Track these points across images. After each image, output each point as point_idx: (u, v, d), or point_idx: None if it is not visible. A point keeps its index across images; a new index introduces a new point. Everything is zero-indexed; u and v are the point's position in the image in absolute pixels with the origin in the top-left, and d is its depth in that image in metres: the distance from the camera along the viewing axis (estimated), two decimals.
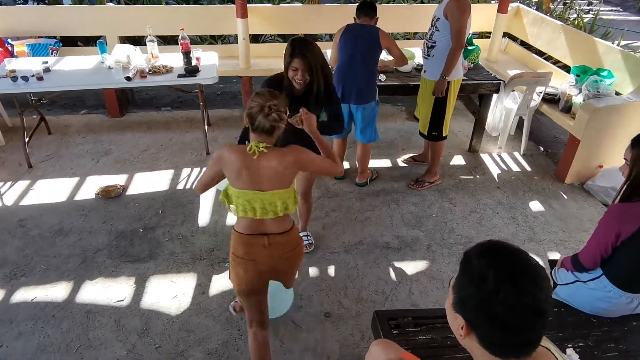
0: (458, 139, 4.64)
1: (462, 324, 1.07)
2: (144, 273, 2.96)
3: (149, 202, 3.60)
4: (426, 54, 3.42)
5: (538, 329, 1.03)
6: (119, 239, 3.23)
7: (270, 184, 1.92)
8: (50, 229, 3.29)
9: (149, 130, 4.64)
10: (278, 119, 1.85)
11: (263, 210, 1.95)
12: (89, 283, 2.87)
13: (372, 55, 3.28)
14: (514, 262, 1.03)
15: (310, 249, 3.15)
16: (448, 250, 3.21)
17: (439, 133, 3.65)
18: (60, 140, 4.41)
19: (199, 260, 3.07)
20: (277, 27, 5.15)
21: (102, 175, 3.90)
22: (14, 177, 3.84)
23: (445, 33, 3.22)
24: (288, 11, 5.08)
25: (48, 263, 3.01)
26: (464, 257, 1.09)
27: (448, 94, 3.43)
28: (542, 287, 1.01)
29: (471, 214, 3.59)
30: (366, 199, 3.71)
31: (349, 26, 3.30)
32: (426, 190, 3.83)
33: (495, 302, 1.00)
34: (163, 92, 5.47)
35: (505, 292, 0.99)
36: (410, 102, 5.20)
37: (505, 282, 1.00)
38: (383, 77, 3.93)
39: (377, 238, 3.30)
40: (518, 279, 1.00)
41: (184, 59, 3.99)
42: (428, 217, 3.53)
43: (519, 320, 1.00)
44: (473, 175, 4.08)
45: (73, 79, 3.80)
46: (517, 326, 1.00)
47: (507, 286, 0.99)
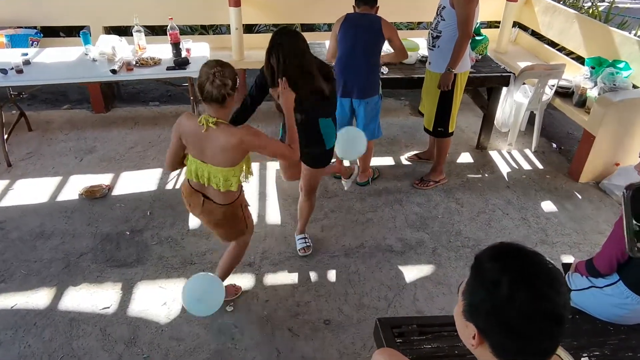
0: (465, 136, 4.65)
1: (473, 333, 1.07)
2: (131, 278, 2.96)
3: (136, 203, 3.60)
4: (431, 44, 3.42)
5: (556, 337, 1.02)
6: (105, 243, 3.22)
7: (214, 159, 2.11)
8: (31, 232, 3.28)
9: (136, 127, 4.64)
10: (222, 85, 1.98)
11: (209, 179, 2.20)
12: (73, 289, 2.87)
13: (375, 46, 3.28)
14: (529, 265, 1.03)
15: (307, 252, 3.15)
16: (455, 254, 3.22)
17: (445, 129, 3.65)
18: (42, 137, 4.40)
19: (190, 264, 3.06)
20: (272, 16, 5.15)
21: (86, 174, 3.89)
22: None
23: (451, 22, 3.22)
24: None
25: (29, 268, 3.00)
26: (475, 261, 1.09)
27: (454, 87, 3.43)
28: (560, 292, 1.01)
29: (479, 215, 3.59)
30: (368, 199, 3.71)
31: (349, 15, 3.29)
32: (431, 189, 3.83)
33: (509, 309, 0.99)
34: (151, 85, 5.46)
35: (520, 297, 0.98)
36: (415, 96, 5.20)
37: (520, 287, 0.99)
38: (385, 69, 3.93)
39: (380, 241, 3.31)
40: (534, 283, 0.99)
41: (173, 50, 3.99)
42: (433, 219, 3.53)
43: (536, 328, 0.99)
44: (481, 174, 4.08)
45: (55, 72, 3.79)
46: (534, 334, 0.99)
47: (523, 291, 0.98)
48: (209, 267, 3.03)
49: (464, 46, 3.25)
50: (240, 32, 4.68)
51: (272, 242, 3.27)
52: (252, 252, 3.16)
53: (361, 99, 3.39)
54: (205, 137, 2.06)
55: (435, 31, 3.36)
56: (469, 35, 3.23)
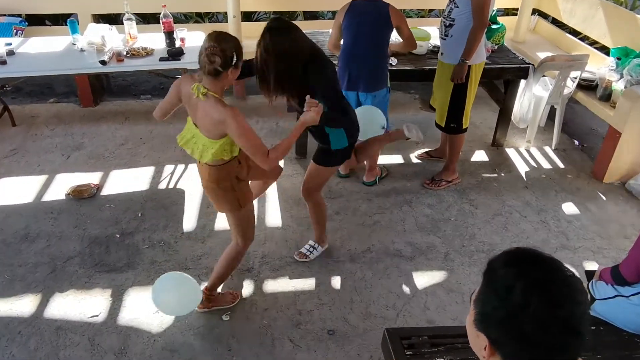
0: (480, 132, 4.64)
1: (485, 343, 1.07)
2: (121, 284, 2.96)
3: (127, 204, 3.60)
4: (444, 34, 3.42)
5: (573, 350, 1.02)
6: (93, 246, 3.23)
7: (201, 125, 2.31)
8: (15, 234, 3.29)
9: (127, 122, 4.65)
10: (208, 61, 2.16)
11: (187, 141, 2.42)
12: (59, 296, 2.88)
13: (382, 35, 3.27)
14: (546, 271, 1.03)
15: (302, 258, 3.14)
16: (469, 259, 3.21)
17: (458, 125, 3.64)
18: (26, 132, 4.42)
19: (184, 270, 3.07)
20: (272, 3, 5.15)
21: (74, 172, 3.91)
22: None
23: (465, 10, 3.22)
24: None
25: (12, 273, 3.02)
26: (488, 267, 1.09)
27: (469, 80, 3.43)
28: (579, 301, 1.01)
29: (495, 217, 3.59)
30: (375, 200, 3.71)
31: (354, 3, 3.29)
32: (443, 190, 3.83)
33: (523, 317, 0.99)
34: (143, 77, 5.47)
35: (535, 305, 0.98)
36: (426, 89, 5.19)
37: (535, 295, 0.99)
38: (394, 60, 3.92)
39: (388, 245, 3.31)
40: (550, 290, 1.00)
41: (167, 39, 3.99)
42: (446, 221, 3.53)
43: (551, 339, 0.99)
44: (497, 173, 4.08)
45: (40, 63, 3.80)
46: (549, 346, 0.99)
47: (538, 299, 0.99)
48: (204, 273, 3.04)
49: (479, 35, 3.24)
50: (238, 20, 4.69)
51: (272, 246, 3.27)
52: (251, 257, 3.16)
53: (368, 92, 3.39)
54: (195, 103, 2.27)
55: (448, 19, 3.35)
56: (485, 23, 3.22)
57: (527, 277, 1.02)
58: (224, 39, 2.20)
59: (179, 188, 3.78)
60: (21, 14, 4.86)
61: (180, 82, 2.39)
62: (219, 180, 2.44)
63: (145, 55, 3.91)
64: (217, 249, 3.20)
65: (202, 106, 2.24)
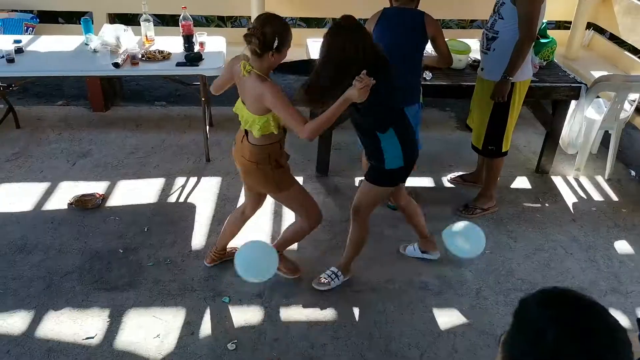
0: (522, 156, 4.60)
1: None
2: (121, 305, 3.00)
3: (133, 217, 3.67)
4: (485, 47, 3.42)
5: None
6: (94, 261, 3.29)
7: (246, 102, 2.64)
8: (11, 245, 3.38)
9: (138, 129, 4.75)
10: (245, 41, 2.49)
11: (241, 119, 2.72)
12: (54, 314, 2.93)
13: (416, 47, 3.29)
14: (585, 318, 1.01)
15: (321, 287, 3.14)
16: (504, 298, 3.17)
17: (498, 147, 3.62)
18: (30, 136, 4.55)
19: (190, 291, 3.10)
20: (300, 8, 5.23)
21: (78, 181, 4.00)
22: None
23: (511, 22, 3.22)
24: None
25: (5, 286, 3.09)
26: (520, 306, 1.08)
27: (512, 98, 3.41)
28: (620, 353, 0.99)
29: (537, 252, 3.54)
30: (400, 226, 3.69)
31: (386, 11, 3.31)
32: (478, 219, 3.79)
33: None
34: (157, 83, 5.59)
35: (568, 354, 0.96)
36: (462, 107, 5.18)
37: (569, 342, 0.97)
38: (429, 74, 3.94)
39: (413, 276, 3.28)
40: (588, 341, 0.98)
41: (185, 43, 4.09)
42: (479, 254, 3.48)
43: None
44: (541, 203, 4.03)
45: (50, 63, 3.93)
46: None
47: (572, 347, 0.97)
48: (211, 296, 3.07)
49: (525, 50, 3.23)
50: None
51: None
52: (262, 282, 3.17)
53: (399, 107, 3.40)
54: (243, 80, 2.59)
55: (491, 31, 3.36)
56: (533, 36, 3.22)
57: (562, 322, 1.00)
58: (269, 22, 2.48)
59: (190, 202, 3.84)
60: (33, 10, 5.04)
61: (233, 61, 2.71)
62: (259, 162, 2.72)
63: (161, 60, 4.00)
64: (226, 270, 3.23)
65: (246, 83, 2.57)
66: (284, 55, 2.58)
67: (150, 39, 4.26)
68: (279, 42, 2.48)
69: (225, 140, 4.57)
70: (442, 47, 3.32)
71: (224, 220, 3.56)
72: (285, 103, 2.51)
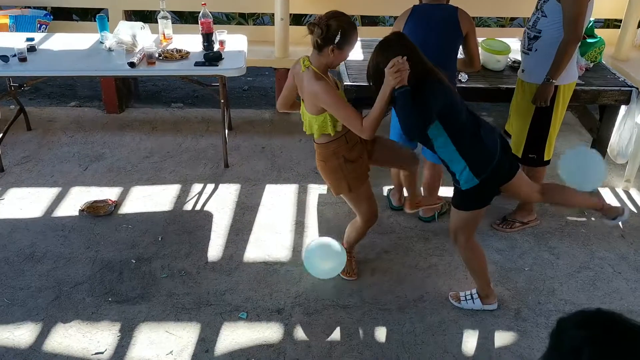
0: None
1: None
2: (132, 318, 3.03)
3: (146, 226, 3.70)
4: (526, 47, 3.39)
5: None
6: (105, 271, 3.33)
7: (305, 101, 2.80)
8: (20, 252, 3.44)
9: (154, 132, 4.81)
10: (308, 29, 2.63)
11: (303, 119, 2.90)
12: (62, 327, 2.97)
13: (450, 46, 3.28)
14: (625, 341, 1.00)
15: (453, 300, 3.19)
16: (545, 320, 3.12)
17: (539, 156, 3.57)
18: (42, 138, 4.64)
19: (205, 306, 3.11)
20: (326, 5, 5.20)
21: (91, 186, 4.06)
22: None
23: (555, 20, 3.19)
24: None
25: (13, 296, 3.14)
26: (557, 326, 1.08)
27: (555, 103, 3.37)
28: None
29: (581, 271, 3.48)
30: (432, 239, 3.67)
31: (416, 8, 3.30)
32: (517, 233, 3.75)
33: None
34: (175, 83, 5.67)
35: None
36: (501, 112, 5.14)
37: None
38: (464, 76, 3.91)
39: (445, 294, 3.26)
40: None
41: (204, 42, 4.13)
42: (518, 271, 3.45)
43: None
44: (586, 217, 3.96)
45: (63, 62, 4.00)
46: None
47: None
48: (228, 311, 3.07)
49: (570, 50, 3.19)
50: (286, 24, 4.80)
51: (308, 285, 3.28)
52: (283, 296, 3.18)
53: None
54: (300, 77, 2.73)
55: (533, 30, 3.33)
56: (579, 36, 3.18)
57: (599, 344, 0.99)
58: (336, 16, 2.62)
59: (206, 211, 3.86)
60: (47, 6, 5.15)
61: (294, 65, 2.84)
62: (326, 159, 2.89)
63: (179, 59, 4.05)
64: (244, 283, 3.24)
65: (303, 80, 2.69)
66: (345, 56, 2.72)
67: (168, 37, 4.31)
68: (342, 38, 2.60)
69: (244, 144, 4.60)
70: (472, 47, 3.31)
71: (243, 230, 3.59)
72: (340, 102, 2.66)
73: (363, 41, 4.57)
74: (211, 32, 4.12)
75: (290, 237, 3.65)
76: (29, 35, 4.33)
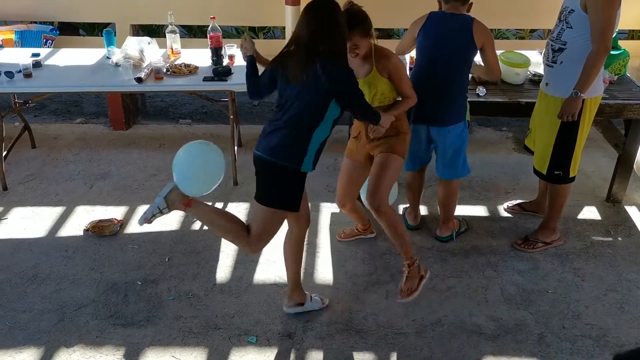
0: (591, 183, 4.51)
1: None
2: (137, 342, 3.02)
3: (153, 246, 3.71)
4: (551, 59, 3.38)
5: None
6: (109, 293, 3.32)
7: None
8: (22, 274, 3.45)
9: (161, 149, 4.83)
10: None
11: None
12: (65, 351, 2.96)
13: (463, 57, 3.29)
14: None
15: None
16: (571, 346, 3.07)
17: (565, 173, 3.54)
18: (47, 156, 4.68)
19: (213, 329, 3.10)
20: None
21: (96, 205, 4.08)
22: None
23: (581, 31, 3.18)
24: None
25: (15, 319, 3.14)
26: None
27: (581, 117, 3.35)
28: None
29: (608, 294, 3.43)
30: (450, 260, 3.64)
31: (433, 15, 3.32)
32: (539, 253, 3.72)
33: None
34: (183, 99, 5.71)
35: None
36: (520, 127, 5.12)
37: None
38: (482, 90, 3.90)
39: (464, 318, 3.22)
40: None
41: (213, 56, 4.17)
42: (541, 294, 3.41)
43: None
44: (613, 237, 3.92)
45: (69, 77, 4.06)
46: None
47: None
48: (236, 335, 3.06)
49: (599, 63, 3.17)
50: None
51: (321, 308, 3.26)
52: (294, 320, 3.15)
53: (441, 126, 3.39)
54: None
55: (557, 42, 3.32)
56: (608, 48, 3.16)
57: None
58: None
59: None
60: (54, 21, 5.23)
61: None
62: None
63: (187, 74, 4.08)
64: (253, 306, 3.22)
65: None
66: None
67: (176, 51, 4.35)
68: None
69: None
70: (490, 58, 3.31)
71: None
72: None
73: None
74: (220, 47, 4.16)
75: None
76: (34, 50, 4.40)
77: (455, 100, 3.36)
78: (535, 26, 5.81)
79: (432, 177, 3.97)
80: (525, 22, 5.61)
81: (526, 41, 5.92)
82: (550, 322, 3.22)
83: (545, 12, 4.36)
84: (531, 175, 3.81)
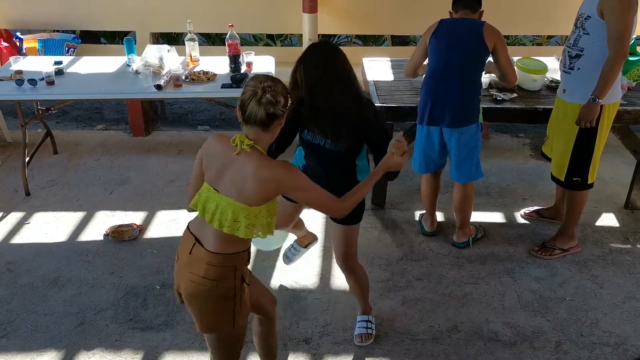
0: (609, 189, 4.46)
1: None
2: (156, 346, 3.03)
3: (172, 251, 3.69)
4: (568, 66, 3.36)
5: None
6: (129, 297, 3.35)
7: (232, 189, 2.13)
8: (44, 278, 3.48)
9: (180, 155, 4.87)
10: (272, 102, 2.04)
11: (213, 214, 2.16)
12: (85, 354, 2.99)
13: (474, 59, 3.30)
14: None
15: (366, 342, 3.06)
16: (588, 354, 3.04)
17: (583, 179, 3.52)
18: (68, 161, 4.73)
19: None
20: (355, 26, 5.29)
21: (116, 210, 4.12)
22: (7, 207, 4.15)
23: (598, 38, 3.17)
24: (371, 4, 5.19)
25: (36, 322, 3.17)
26: None
27: (599, 123, 3.33)
28: None
29: (627, 301, 3.39)
30: (466, 266, 3.62)
31: (444, 21, 3.35)
32: (557, 260, 3.69)
33: None
34: (202, 106, 5.74)
35: None
36: (537, 133, 5.08)
37: None
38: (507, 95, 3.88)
39: (481, 324, 3.20)
40: None
41: (231, 64, 4.19)
42: (559, 301, 3.38)
43: None
44: (631, 244, 3.88)
45: (90, 85, 4.11)
46: None
47: None
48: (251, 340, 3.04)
49: (617, 68, 3.16)
50: None
51: (337, 313, 3.25)
52: (310, 325, 3.15)
53: (454, 127, 3.40)
54: (232, 160, 2.12)
55: (574, 48, 3.30)
56: (626, 53, 3.16)
57: None
58: (275, 79, 2.12)
59: None
60: (75, 30, 5.30)
61: (205, 144, 2.28)
62: (220, 278, 2.18)
63: (206, 81, 4.12)
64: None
65: (242, 162, 2.09)
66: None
67: (195, 59, 4.39)
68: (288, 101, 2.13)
69: None
70: (503, 62, 3.32)
71: (269, 255, 3.60)
72: (311, 184, 2.20)
73: (393, 61, 4.60)
74: (238, 54, 4.18)
75: (318, 263, 3.63)
76: (57, 58, 4.46)
77: (468, 102, 3.37)
78: (552, 32, 5.78)
79: (449, 184, 3.95)
80: (543, 29, 5.56)
81: (543, 47, 5.88)
82: (568, 329, 3.19)
83: (562, 18, 4.34)
84: (548, 182, 3.79)
